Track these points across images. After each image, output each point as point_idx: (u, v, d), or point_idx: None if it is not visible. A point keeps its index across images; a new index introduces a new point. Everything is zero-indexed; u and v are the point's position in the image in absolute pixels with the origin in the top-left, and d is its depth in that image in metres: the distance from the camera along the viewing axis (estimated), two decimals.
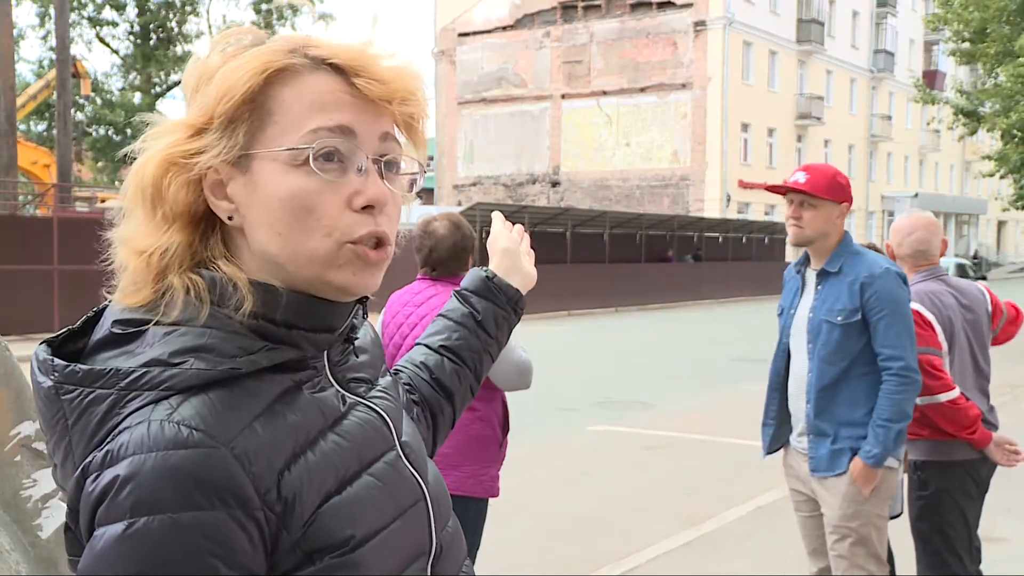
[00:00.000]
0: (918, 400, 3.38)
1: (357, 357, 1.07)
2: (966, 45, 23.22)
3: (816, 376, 3.31)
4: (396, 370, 1.36)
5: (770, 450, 3.63)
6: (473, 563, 3.37)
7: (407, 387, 1.33)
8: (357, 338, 1.09)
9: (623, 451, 8.28)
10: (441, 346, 1.37)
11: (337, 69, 0.95)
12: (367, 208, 0.95)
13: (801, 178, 3.33)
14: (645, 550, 5.46)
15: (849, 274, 3.29)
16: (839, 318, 3.26)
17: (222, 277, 0.93)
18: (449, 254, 3.39)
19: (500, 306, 1.40)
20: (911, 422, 3.30)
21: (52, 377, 0.90)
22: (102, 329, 0.94)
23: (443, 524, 1.07)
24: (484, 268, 1.43)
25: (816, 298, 3.35)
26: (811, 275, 3.42)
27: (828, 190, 3.32)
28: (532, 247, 1.53)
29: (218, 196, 0.95)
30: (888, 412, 3.19)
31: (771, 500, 6.46)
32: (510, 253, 1.45)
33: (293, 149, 0.93)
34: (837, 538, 3.33)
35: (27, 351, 0.97)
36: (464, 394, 1.37)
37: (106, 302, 0.98)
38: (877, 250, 4.08)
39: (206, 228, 0.96)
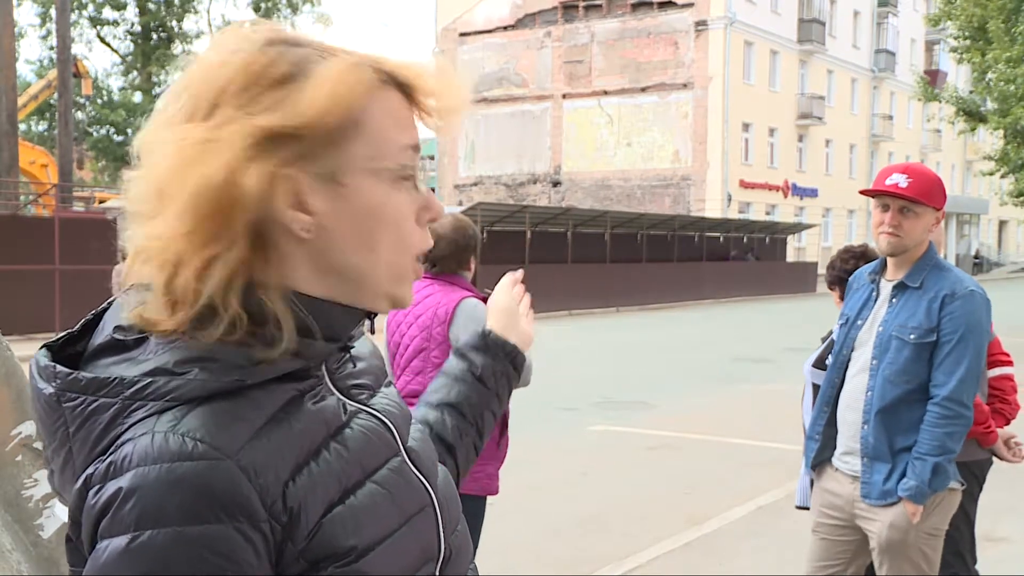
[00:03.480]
0: None
1: (354, 366, 1.06)
2: (967, 42, 23.25)
3: (877, 396, 3.05)
4: None
5: (814, 465, 3.34)
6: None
7: None
8: (353, 347, 1.08)
9: (623, 451, 8.28)
10: (441, 402, 1.36)
11: (399, 86, 0.97)
12: (428, 222, 1.00)
13: (902, 181, 2.98)
14: (646, 550, 5.46)
15: (930, 290, 3.01)
16: (912, 336, 3.00)
17: (272, 314, 0.90)
18: (449, 251, 3.47)
19: (498, 360, 1.40)
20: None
21: (54, 384, 0.89)
22: (102, 334, 0.93)
23: (452, 528, 1.07)
24: (482, 327, 1.46)
25: (889, 311, 3.08)
26: (886, 286, 3.14)
27: (932, 196, 3.00)
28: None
29: (295, 208, 0.91)
30: (927, 445, 2.95)
31: (772, 500, 6.46)
32: (508, 312, 1.46)
33: (392, 166, 0.95)
34: (882, 553, 3.10)
35: (28, 351, 0.96)
36: (467, 450, 1.35)
37: (105, 304, 0.97)
38: (872, 250, 4.03)
39: (262, 244, 0.91)
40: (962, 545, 3.68)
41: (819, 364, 3.95)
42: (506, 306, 1.47)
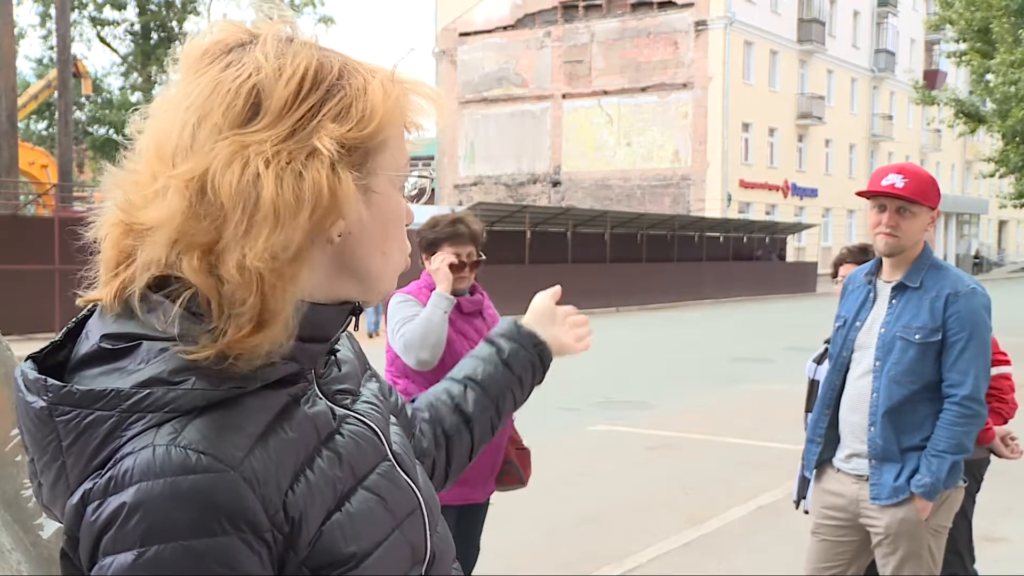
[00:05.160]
0: None
1: (340, 370, 1.07)
2: (964, 46, 23.25)
3: (883, 397, 3.05)
4: (413, 398, 1.40)
5: (815, 469, 3.33)
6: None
7: (419, 413, 1.35)
8: (339, 350, 1.09)
9: (623, 451, 8.28)
10: (466, 376, 1.41)
11: None
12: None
13: (898, 182, 2.99)
14: (645, 550, 5.46)
15: (931, 290, 3.02)
16: (917, 336, 3.00)
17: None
18: None
19: (525, 348, 1.44)
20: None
21: (45, 398, 0.86)
22: (88, 342, 0.90)
23: (435, 529, 1.08)
24: (515, 318, 1.50)
25: (890, 312, 3.07)
26: (884, 287, 3.14)
27: (928, 195, 3.01)
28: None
29: None
30: (944, 443, 2.96)
31: (771, 500, 6.46)
32: (543, 312, 1.50)
33: (404, 174, 1.00)
34: (888, 550, 3.10)
35: (28, 351, 0.95)
36: (484, 425, 1.39)
37: (86, 311, 0.95)
38: (870, 249, 4.04)
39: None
40: (960, 544, 3.69)
41: (817, 361, 3.97)
42: (542, 307, 1.51)
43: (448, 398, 1.38)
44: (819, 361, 3.97)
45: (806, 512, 3.78)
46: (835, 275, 4.10)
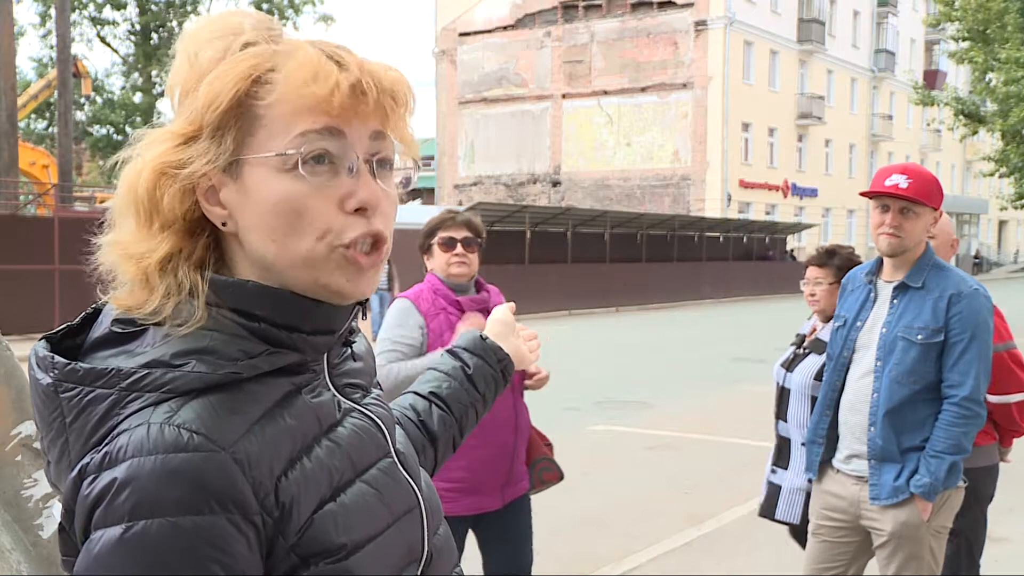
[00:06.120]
0: (1013, 398, 3.32)
1: (355, 362, 1.07)
2: (965, 44, 23.22)
3: (884, 397, 3.04)
4: None
5: (819, 471, 3.29)
6: None
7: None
8: (355, 342, 1.09)
9: (623, 451, 8.28)
10: (431, 392, 1.40)
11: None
12: (360, 210, 0.94)
13: (902, 182, 2.98)
14: (645, 550, 5.46)
15: (934, 290, 3.02)
16: (919, 336, 2.99)
17: (216, 280, 0.93)
18: None
19: (490, 364, 1.46)
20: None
21: (51, 374, 0.90)
22: (101, 327, 0.94)
23: (435, 530, 1.08)
24: (479, 331, 1.51)
25: (891, 312, 3.07)
26: (885, 287, 3.14)
27: (931, 196, 3.01)
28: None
29: (212, 202, 0.94)
30: (943, 444, 2.96)
31: None
32: (505, 324, 1.53)
33: (282, 154, 0.91)
34: (889, 552, 3.09)
35: (28, 351, 0.96)
36: (447, 443, 1.39)
37: (106, 299, 0.98)
38: (837, 251, 4.00)
39: (200, 234, 0.95)
40: (976, 549, 3.69)
41: (786, 366, 3.91)
42: (503, 318, 1.53)
43: (414, 414, 1.38)
44: (787, 366, 3.89)
45: (786, 523, 3.76)
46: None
